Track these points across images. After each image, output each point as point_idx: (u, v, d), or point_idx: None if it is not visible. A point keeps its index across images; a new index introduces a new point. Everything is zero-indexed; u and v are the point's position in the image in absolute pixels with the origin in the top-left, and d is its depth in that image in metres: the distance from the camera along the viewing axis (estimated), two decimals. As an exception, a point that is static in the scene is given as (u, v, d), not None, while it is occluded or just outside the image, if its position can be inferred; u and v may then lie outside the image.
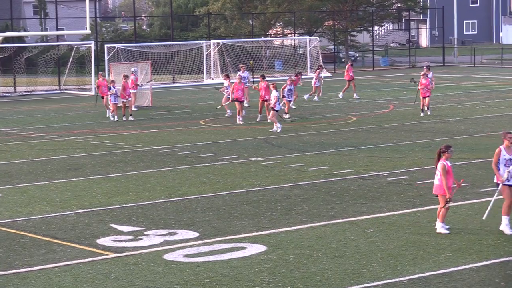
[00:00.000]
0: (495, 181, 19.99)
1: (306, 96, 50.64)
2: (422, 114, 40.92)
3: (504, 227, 19.80)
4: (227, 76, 45.44)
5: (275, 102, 36.84)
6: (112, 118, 43.90)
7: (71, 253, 19.03)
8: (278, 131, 36.66)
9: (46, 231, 21.06)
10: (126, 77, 45.22)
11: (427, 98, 40.19)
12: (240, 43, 77.63)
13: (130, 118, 43.45)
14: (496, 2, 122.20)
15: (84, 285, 16.64)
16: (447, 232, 19.61)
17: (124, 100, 44.30)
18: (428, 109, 41.21)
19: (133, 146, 34.89)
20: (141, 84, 49.79)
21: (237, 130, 39.42)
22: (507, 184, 19.77)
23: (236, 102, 41.16)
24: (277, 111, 37.13)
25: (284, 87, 41.86)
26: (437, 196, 19.91)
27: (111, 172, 29.25)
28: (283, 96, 40.59)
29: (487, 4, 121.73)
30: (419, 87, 40.16)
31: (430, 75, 35.54)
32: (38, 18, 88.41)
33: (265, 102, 39.62)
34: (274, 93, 37.17)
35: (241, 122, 40.57)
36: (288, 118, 40.62)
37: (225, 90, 43.63)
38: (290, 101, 42.04)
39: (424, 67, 34.29)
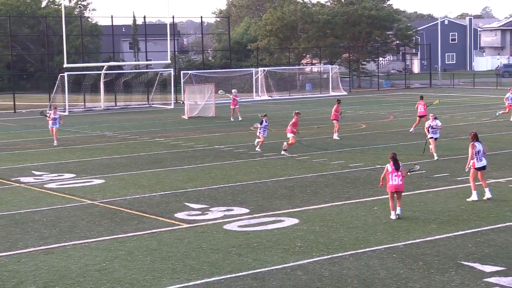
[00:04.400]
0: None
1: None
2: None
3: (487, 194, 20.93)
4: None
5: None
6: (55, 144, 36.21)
7: (156, 223, 19.15)
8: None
9: (137, 207, 21.20)
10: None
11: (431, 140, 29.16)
12: (280, 70, 77.75)
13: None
14: (470, 40, 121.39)
15: (166, 247, 16.73)
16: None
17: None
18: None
19: (201, 146, 34.99)
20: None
21: (276, 133, 39.37)
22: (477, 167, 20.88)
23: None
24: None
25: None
26: (394, 192, 18.88)
27: (184, 164, 29.36)
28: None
29: (463, 41, 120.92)
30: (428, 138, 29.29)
31: (433, 123, 27.67)
32: (133, 52, 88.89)
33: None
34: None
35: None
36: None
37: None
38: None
39: (431, 115, 29.12)
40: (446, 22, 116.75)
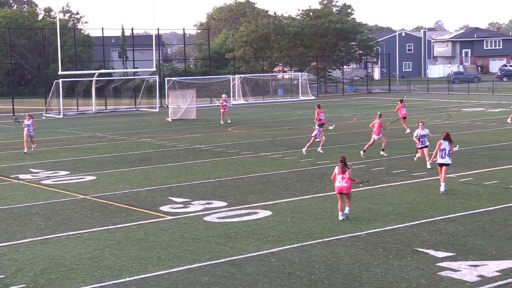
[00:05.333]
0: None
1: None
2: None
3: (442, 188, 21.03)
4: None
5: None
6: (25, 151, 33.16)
7: (143, 216, 19.08)
8: None
9: (126, 201, 21.12)
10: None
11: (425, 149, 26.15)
12: (255, 77, 77.73)
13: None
14: (424, 50, 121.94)
15: (151, 237, 16.69)
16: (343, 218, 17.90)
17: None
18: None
19: (184, 145, 34.90)
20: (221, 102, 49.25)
21: (252, 134, 39.41)
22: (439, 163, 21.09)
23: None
24: None
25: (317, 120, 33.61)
26: (342, 194, 17.80)
27: (169, 162, 29.27)
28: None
29: (418, 51, 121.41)
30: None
31: (423, 132, 25.23)
32: (121, 60, 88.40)
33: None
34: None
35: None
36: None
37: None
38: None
39: (420, 124, 25.57)
40: (403, 34, 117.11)
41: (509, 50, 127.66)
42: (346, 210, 17.98)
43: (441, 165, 21.18)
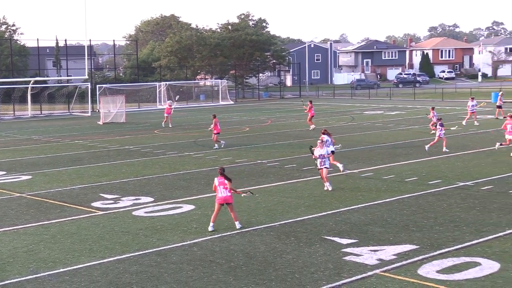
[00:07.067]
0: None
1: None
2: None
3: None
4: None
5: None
6: None
7: (76, 211, 18.70)
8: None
9: (60, 198, 20.65)
10: None
11: None
12: (179, 84, 77.31)
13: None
14: (330, 60, 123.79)
15: (84, 231, 16.36)
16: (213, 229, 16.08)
17: None
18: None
19: (114, 146, 34.38)
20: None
21: (177, 136, 39.16)
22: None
23: None
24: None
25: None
26: (222, 204, 16.00)
27: (100, 162, 28.77)
28: None
29: (325, 61, 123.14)
30: None
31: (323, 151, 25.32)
32: (56, 69, 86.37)
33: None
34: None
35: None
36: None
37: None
38: None
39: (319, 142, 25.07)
40: (312, 46, 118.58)
41: (404, 60, 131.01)
42: (237, 225, 16.21)
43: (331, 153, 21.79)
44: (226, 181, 15.91)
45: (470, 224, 16.24)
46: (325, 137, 23.89)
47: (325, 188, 21.03)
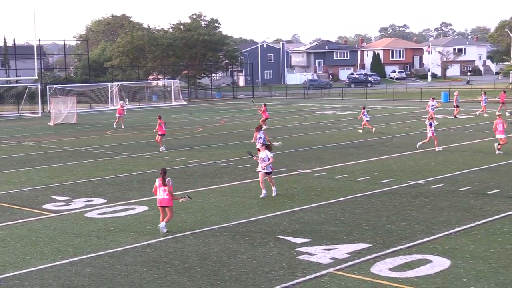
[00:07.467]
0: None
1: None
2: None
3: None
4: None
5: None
6: None
7: (26, 214, 18.38)
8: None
9: (10, 201, 20.26)
10: None
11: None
12: (131, 84, 76.74)
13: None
14: (283, 60, 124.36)
15: (35, 234, 16.09)
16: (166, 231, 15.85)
17: None
18: None
19: (65, 148, 33.91)
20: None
21: (129, 136, 38.83)
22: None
23: None
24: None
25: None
26: (163, 207, 15.95)
27: (51, 163, 28.34)
28: None
29: (278, 61, 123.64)
30: None
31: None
32: (4, 69, 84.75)
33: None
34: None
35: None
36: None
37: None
38: None
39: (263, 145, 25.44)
40: (264, 46, 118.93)
41: (355, 60, 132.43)
42: (163, 224, 15.86)
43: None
44: (166, 184, 15.72)
45: (422, 222, 16.51)
46: (258, 134, 24.24)
47: (262, 195, 20.02)
